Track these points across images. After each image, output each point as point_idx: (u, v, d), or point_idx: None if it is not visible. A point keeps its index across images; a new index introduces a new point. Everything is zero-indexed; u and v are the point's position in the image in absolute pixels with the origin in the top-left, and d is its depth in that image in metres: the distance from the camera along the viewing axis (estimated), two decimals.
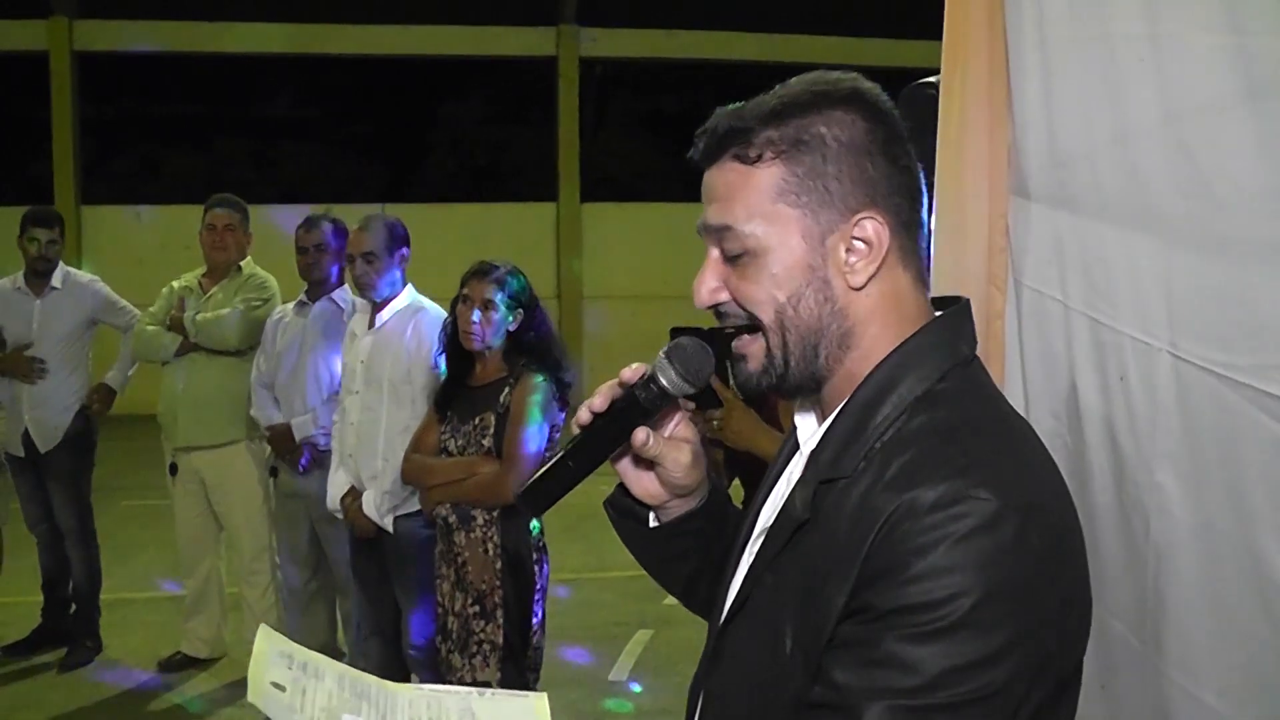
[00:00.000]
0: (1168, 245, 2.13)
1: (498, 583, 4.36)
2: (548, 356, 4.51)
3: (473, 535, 4.39)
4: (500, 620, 4.36)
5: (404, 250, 5.13)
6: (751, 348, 1.49)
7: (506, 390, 4.43)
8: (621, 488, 1.72)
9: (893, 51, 16.85)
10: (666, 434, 1.64)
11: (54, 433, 6.55)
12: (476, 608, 4.38)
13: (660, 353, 1.57)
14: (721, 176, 1.48)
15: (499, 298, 4.43)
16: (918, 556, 1.26)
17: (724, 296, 1.50)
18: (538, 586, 4.48)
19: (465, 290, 4.47)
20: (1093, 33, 2.31)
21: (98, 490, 6.88)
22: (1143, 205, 2.19)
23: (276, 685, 1.45)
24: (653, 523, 1.74)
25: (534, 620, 4.47)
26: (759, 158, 1.45)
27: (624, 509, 1.76)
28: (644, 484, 1.69)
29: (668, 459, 1.63)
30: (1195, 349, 2.06)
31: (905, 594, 1.26)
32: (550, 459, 1.61)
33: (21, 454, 6.57)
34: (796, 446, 1.60)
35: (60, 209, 16.11)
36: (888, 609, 1.27)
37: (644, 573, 1.88)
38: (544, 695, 1.35)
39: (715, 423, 3.58)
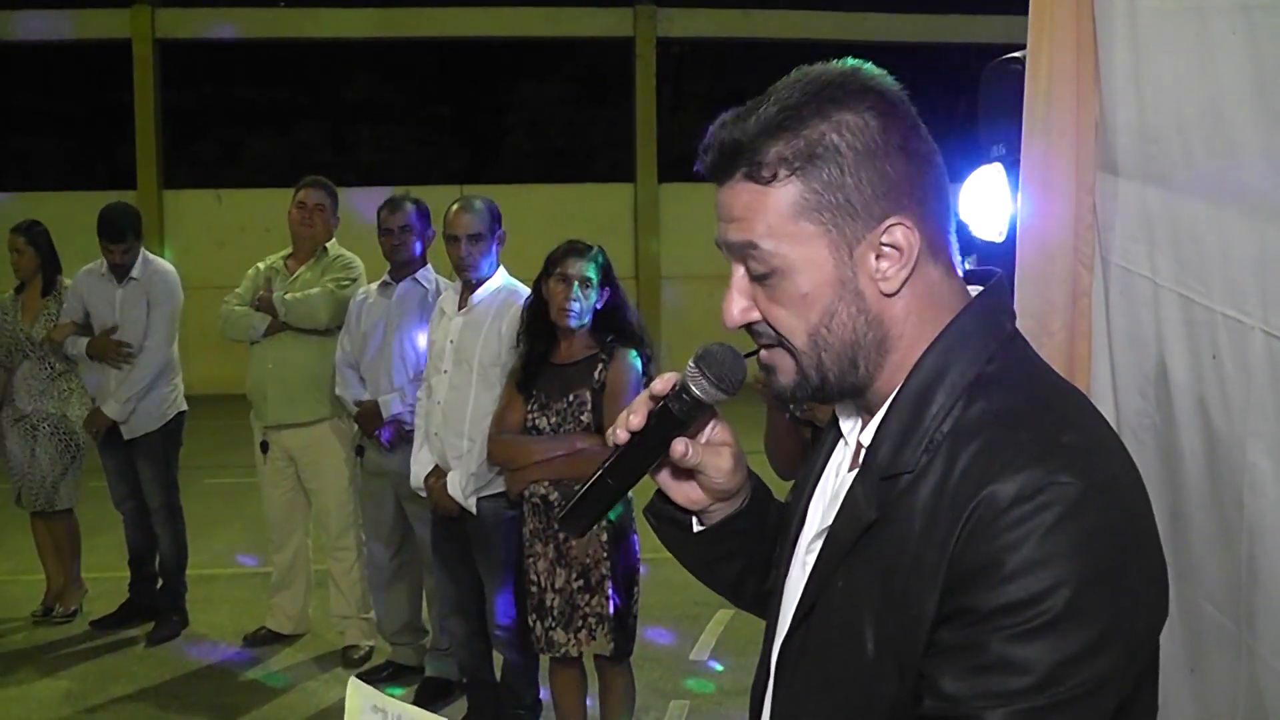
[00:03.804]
0: (1261, 221, 2.08)
1: (604, 555, 4.43)
2: (633, 332, 4.57)
3: None
4: (608, 592, 4.44)
5: (501, 230, 5.16)
6: (780, 360, 1.43)
7: (600, 367, 4.48)
8: (660, 494, 1.64)
9: (972, 27, 16.67)
10: (704, 440, 1.55)
11: (140, 417, 6.64)
12: (581, 582, 4.45)
13: (690, 362, 1.49)
14: (736, 197, 1.39)
15: (594, 275, 4.48)
16: (1010, 552, 1.22)
17: (755, 315, 1.42)
18: (637, 557, 4.56)
19: (559, 269, 4.50)
20: (1184, 4, 2.27)
21: (181, 468, 6.97)
22: (1235, 180, 2.15)
23: None
24: (696, 527, 1.65)
25: (634, 590, 4.56)
26: (773, 177, 1.35)
27: (665, 516, 1.66)
28: (685, 492, 1.60)
29: (709, 466, 1.54)
30: None
31: (1005, 592, 1.22)
32: (587, 479, 1.56)
33: None
34: (838, 437, 1.56)
35: (143, 193, 16.45)
36: (989, 609, 1.23)
37: None
38: None
39: (809, 405, 3.55)
